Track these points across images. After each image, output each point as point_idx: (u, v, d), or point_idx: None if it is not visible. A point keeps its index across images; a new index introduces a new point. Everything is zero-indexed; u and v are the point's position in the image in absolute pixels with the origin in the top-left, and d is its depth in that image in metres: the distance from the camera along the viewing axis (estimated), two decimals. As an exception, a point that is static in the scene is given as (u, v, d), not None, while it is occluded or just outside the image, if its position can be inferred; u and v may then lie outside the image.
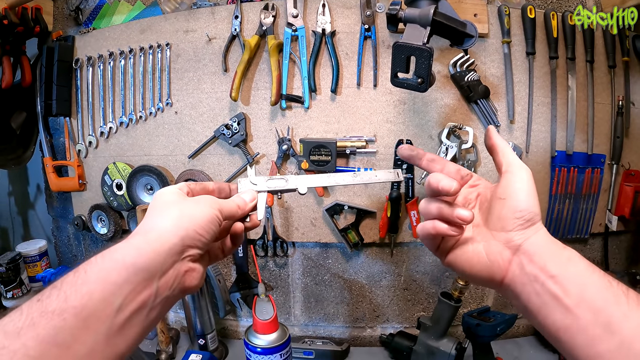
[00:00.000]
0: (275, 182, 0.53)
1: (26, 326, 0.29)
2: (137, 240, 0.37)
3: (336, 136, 0.96)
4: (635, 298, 0.34)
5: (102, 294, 0.32)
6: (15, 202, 1.35)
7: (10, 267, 1.09)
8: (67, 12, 1.07)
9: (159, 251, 0.37)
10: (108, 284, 0.33)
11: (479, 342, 0.88)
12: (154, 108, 1.02)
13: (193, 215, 0.40)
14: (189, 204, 0.42)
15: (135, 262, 0.35)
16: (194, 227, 0.40)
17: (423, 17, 0.72)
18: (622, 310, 0.33)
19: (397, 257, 1.03)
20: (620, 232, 1.06)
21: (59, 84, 1.04)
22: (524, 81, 0.96)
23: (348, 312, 1.07)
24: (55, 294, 0.31)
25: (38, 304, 0.31)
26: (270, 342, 0.81)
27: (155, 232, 0.38)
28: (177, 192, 0.44)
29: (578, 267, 0.37)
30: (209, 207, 0.42)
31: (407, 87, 0.75)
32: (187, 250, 0.39)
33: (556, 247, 0.39)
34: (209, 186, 0.50)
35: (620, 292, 0.34)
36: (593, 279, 0.36)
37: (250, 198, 0.49)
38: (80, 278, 0.33)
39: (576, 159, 0.99)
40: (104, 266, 0.35)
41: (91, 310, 0.31)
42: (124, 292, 0.33)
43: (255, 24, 0.95)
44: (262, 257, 1.05)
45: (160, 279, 0.36)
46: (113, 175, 1.05)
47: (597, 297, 0.35)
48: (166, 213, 0.41)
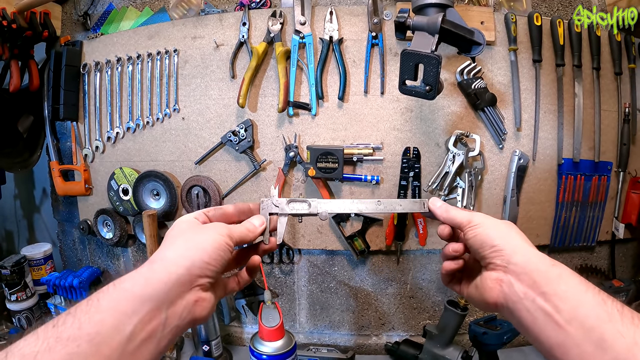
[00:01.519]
0: (298, 204, 0.53)
1: (42, 350, 0.31)
2: (145, 270, 0.39)
3: (343, 143, 0.96)
4: (630, 316, 0.35)
5: (113, 322, 0.34)
6: (21, 205, 1.35)
7: (15, 270, 1.09)
8: (75, 18, 1.08)
9: (166, 281, 0.38)
10: (118, 313, 0.35)
11: (486, 350, 0.88)
12: (161, 114, 1.02)
13: (200, 244, 0.41)
14: (198, 232, 0.43)
15: (142, 292, 0.36)
16: (200, 257, 0.40)
17: (431, 24, 0.72)
18: (615, 327, 0.34)
19: (403, 265, 1.02)
20: (627, 240, 1.05)
21: (66, 89, 1.04)
22: (530, 89, 0.96)
23: (353, 320, 1.07)
24: (70, 321, 0.33)
25: (53, 330, 0.32)
26: (276, 350, 0.81)
27: (162, 262, 0.40)
28: (192, 222, 0.45)
29: (569, 284, 0.38)
30: (216, 235, 0.43)
31: (415, 94, 0.76)
32: (196, 280, 0.40)
33: (544, 265, 0.41)
34: (228, 210, 0.50)
35: (615, 310, 0.35)
36: (586, 297, 0.37)
37: (259, 223, 0.50)
38: (93, 306, 0.35)
39: (583, 167, 0.99)
40: (115, 295, 0.36)
41: (103, 338, 0.33)
42: (133, 321, 0.35)
43: (262, 31, 0.95)
44: (267, 264, 1.05)
45: (168, 309, 0.37)
46: (119, 180, 1.06)
47: (590, 314, 0.35)
48: (175, 243, 0.42)
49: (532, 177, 0.98)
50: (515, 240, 0.44)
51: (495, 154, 0.97)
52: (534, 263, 0.41)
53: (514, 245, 0.44)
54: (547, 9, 0.99)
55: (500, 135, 0.95)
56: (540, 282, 0.39)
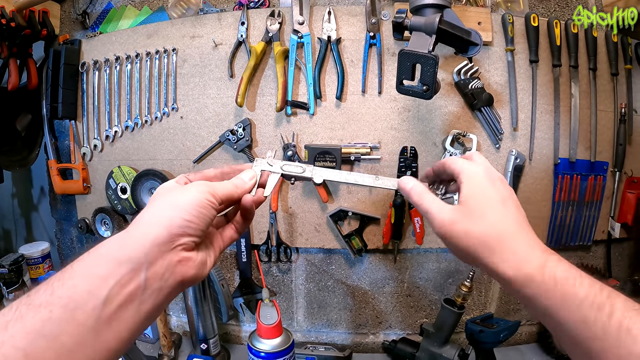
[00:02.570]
0: (292, 167, 0.51)
1: (14, 319, 0.30)
2: (122, 234, 0.37)
3: (341, 143, 0.96)
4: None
5: (87, 287, 0.33)
6: (18, 203, 1.35)
7: (12, 269, 1.10)
8: (74, 16, 1.08)
9: (142, 242, 0.36)
10: (93, 277, 0.33)
11: (482, 348, 0.88)
12: (160, 112, 1.02)
13: (178, 202, 0.39)
14: (177, 192, 0.41)
15: (118, 254, 0.35)
16: (179, 214, 0.38)
17: (429, 25, 0.72)
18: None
19: (400, 263, 1.03)
20: (622, 240, 1.06)
21: (65, 87, 1.04)
22: (527, 89, 0.97)
23: (351, 318, 1.07)
24: (43, 289, 0.32)
25: (27, 299, 0.32)
26: (274, 347, 0.81)
27: (138, 223, 0.38)
28: (173, 185, 0.43)
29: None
30: (195, 192, 0.40)
31: (412, 94, 0.76)
32: (176, 240, 0.37)
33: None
34: (209, 173, 0.48)
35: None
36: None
37: (249, 177, 0.48)
38: (67, 273, 0.34)
39: (579, 167, 1.00)
40: (89, 260, 0.35)
41: (77, 303, 0.32)
42: (109, 284, 0.33)
43: (261, 31, 0.96)
44: (265, 263, 1.05)
45: (148, 270, 0.35)
46: (118, 179, 1.06)
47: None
48: (153, 206, 0.40)
49: (529, 176, 0.99)
50: (508, 242, 0.40)
51: (492, 153, 0.97)
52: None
53: (507, 249, 0.40)
54: (544, 9, 1.00)
55: (497, 135, 0.96)
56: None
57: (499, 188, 0.43)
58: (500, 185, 0.43)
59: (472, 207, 0.41)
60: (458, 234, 0.41)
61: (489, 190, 0.42)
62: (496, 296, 1.06)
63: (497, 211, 0.41)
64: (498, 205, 0.41)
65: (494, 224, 0.40)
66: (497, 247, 0.39)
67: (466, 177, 0.43)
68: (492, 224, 0.40)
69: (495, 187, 0.43)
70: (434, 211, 0.44)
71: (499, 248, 0.39)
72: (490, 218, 0.40)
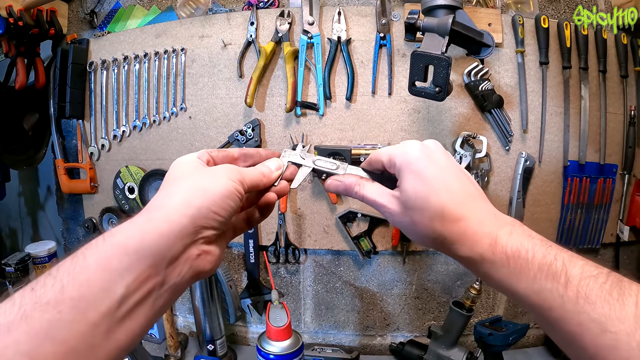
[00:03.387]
0: (324, 163, 0.47)
1: (18, 319, 0.26)
2: (142, 221, 0.33)
3: (350, 144, 0.96)
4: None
5: (102, 284, 0.29)
6: (25, 203, 1.35)
7: (19, 268, 1.09)
8: (82, 16, 1.08)
9: (167, 234, 0.32)
10: (108, 272, 0.29)
11: (492, 351, 0.88)
12: (168, 112, 1.02)
13: (208, 190, 0.35)
14: (205, 175, 0.37)
15: (138, 247, 0.31)
16: (207, 205, 0.34)
17: (441, 26, 0.72)
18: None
19: (409, 265, 1.03)
20: (631, 242, 1.06)
21: (72, 87, 1.04)
22: (537, 91, 0.96)
23: (358, 320, 1.07)
24: (51, 283, 0.28)
25: (32, 294, 0.28)
26: (283, 349, 0.81)
27: (162, 210, 0.33)
28: (195, 162, 0.38)
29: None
30: (226, 179, 0.36)
31: (424, 95, 0.76)
32: (200, 232, 0.34)
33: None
34: (233, 153, 0.44)
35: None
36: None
37: (275, 166, 0.44)
38: (79, 265, 0.30)
39: (588, 169, 0.99)
40: (104, 251, 0.31)
41: (90, 302, 0.28)
42: (126, 280, 0.30)
43: (270, 31, 0.95)
44: (273, 264, 1.05)
45: (168, 266, 0.32)
46: (125, 179, 1.05)
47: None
48: (177, 187, 0.35)
49: (538, 179, 0.98)
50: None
51: (502, 155, 0.97)
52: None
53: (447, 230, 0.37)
54: (554, 11, 0.99)
55: (507, 137, 0.95)
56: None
57: (438, 163, 0.39)
58: (440, 159, 0.39)
59: (410, 196, 0.38)
60: (407, 225, 0.39)
61: (426, 171, 0.38)
62: (504, 299, 1.05)
63: (439, 193, 0.37)
64: (439, 185, 0.38)
65: (438, 209, 0.37)
66: (446, 231, 0.37)
67: (400, 161, 0.40)
68: (436, 210, 0.37)
69: (434, 164, 0.38)
70: (380, 202, 0.41)
71: (449, 231, 0.37)
72: (433, 203, 0.37)
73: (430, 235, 0.38)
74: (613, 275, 0.31)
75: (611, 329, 0.28)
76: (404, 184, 0.39)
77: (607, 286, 0.30)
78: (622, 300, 0.29)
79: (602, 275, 0.31)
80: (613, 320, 0.28)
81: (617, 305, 0.29)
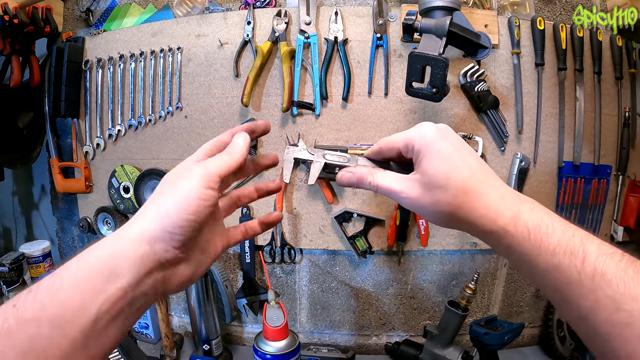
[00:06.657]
0: (334, 157, 0.47)
1: (2, 334, 0.29)
2: (111, 242, 0.35)
3: (346, 144, 0.96)
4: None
5: (78, 302, 0.31)
6: (19, 202, 1.34)
7: (13, 268, 1.08)
8: (77, 14, 1.07)
9: (130, 259, 0.34)
10: (83, 292, 0.32)
11: (487, 351, 0.88)
12: (164, 112, 1.01)
13: (164, 208, 0.35)
14: (167, 195, 0.36)
15: (106, 270, 0.33)
16: (162, 227, 0.35)
17: (439, 27, 0.72)
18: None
19: (404, 265, 1.03)
20: (625, 243, 1.06)
21: (67, 85, 1.03)
22: (532, 92, 0.97)
23: (354, 320, 1.07)
24: (31, 300, 0.31)
25: (14, 310, 0.30)
26: (280, 349, 0.81)
27: (128, 233, 0.35)
28: (168, 178, 0.39)
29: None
30: (186, 190, 0.36)
31: (421, 96, 0.76)
32: (162, 256, 0.35)
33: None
34: (224, 138, 0.43)
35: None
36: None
37: (242, 139, 0.42)
38: (57, 284, 0.32)
39: (583, 170, 1.00)
40: (78, 272, 0.33)
41: (68, 319, 0.31)
42: (100, 299, 0.32)
43: (267, 30, 0.95)
44: (269, 264, 1.05)
45: (134, 290, 0.34)
46: (120, 178, 1.05)
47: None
48: (151, 205, 0.36)
49: (533, 179, 0.99)
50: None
51: (497, 156, 0.97)
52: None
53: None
54: (550, 13, 1.00)
55: (502, 137, 0.96)
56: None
57: (453, 143, 0.39)
58: (455, 140, 0.40)
59: (432, 175, 0.39)
60: (428, 206, 0.39)
61: (445, 150, 0.39)
62: (499, 298, 1.06)
63: (459, 170, 0.38)
64: (459, 163, 0.38)
65: (460, 185, 0.38)
66: (469, 207, 0.38)
67: (419, 143, 0.40)
68: (459, 186, 0.38)
69: (450, 144, 0.39)
70: (396, 189, 0.41)
71: (472, 207, 0.38)
72: (455, 180, 0.38)
73: (454, 213, 0.38)
74: (627, 255, 0.32)
75: (625, 307, 0.29)
76: (424, 164, 0.39)
77: (622, 264, 0.31)
78: (636, 278, 0.30)
79: (617, 254, 0.32)
80: (627, 298, 0.29)
81: (632, 283, 0.30)
